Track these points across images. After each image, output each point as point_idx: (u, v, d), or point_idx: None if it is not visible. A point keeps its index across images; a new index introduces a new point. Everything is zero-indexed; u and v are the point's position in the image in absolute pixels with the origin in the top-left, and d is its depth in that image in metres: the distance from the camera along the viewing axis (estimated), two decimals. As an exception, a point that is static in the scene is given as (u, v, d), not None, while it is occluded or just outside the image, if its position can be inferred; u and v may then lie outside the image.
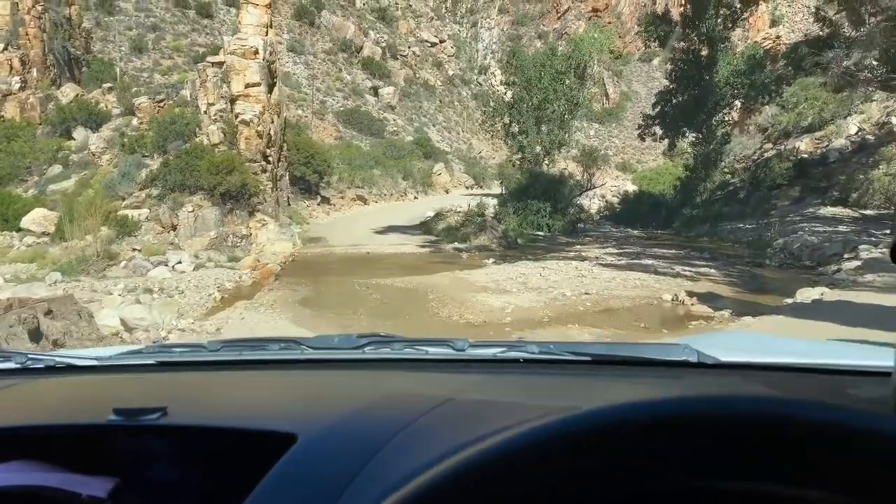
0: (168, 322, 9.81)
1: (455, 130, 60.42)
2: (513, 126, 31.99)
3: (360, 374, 1.50)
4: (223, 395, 1.41)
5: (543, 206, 27.62)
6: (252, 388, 1.46)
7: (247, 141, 22.93)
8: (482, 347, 1.53)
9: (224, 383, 1.51)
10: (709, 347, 1.35)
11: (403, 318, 10.19)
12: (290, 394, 1.40)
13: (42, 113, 31.29)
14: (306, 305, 11.10)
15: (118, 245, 20.49)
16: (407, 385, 1.34)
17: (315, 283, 13.51)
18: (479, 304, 11.10)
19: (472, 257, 19.10)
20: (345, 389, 1.37)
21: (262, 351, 1.68)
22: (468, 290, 12.53)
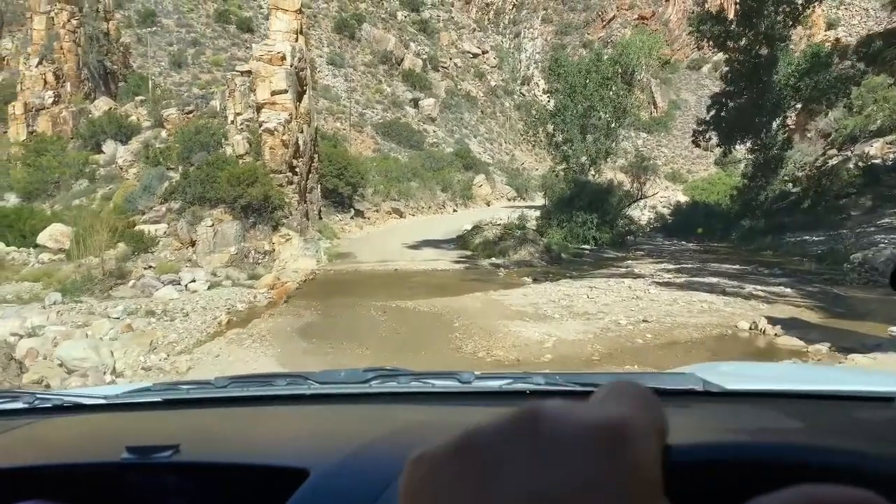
0: (132, 359, 8.05)
1: (497, 141, 58.50)
2: (556, 135, 30.45)
3: (366, 408, 1.50)
4: (233, 431, 1.39)
5: (590, 218, 25.44)
6: (261, 423, 1.44)
7: (271, 151, 21.36)
8: (488, 379, 1.50)
9: (233, 419, 1.48)
10: (715, 375, 1.34)
11: (418, 353, 8.23)
12: (300, 429, 1.38)
13: (74, 127, 30.44)
14: (305, 336, 9.23)
15: (133, 262, 19.10)
16: (414, 418, 1.31)
17: (326, 307, 11.65)
18: (513, 335, 9.06)
19: (510, 274, 17.05)
20: (353, 423, 1.36)
21: (269, 387, 1.64)
22: (501, 315, 10.50)
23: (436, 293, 12.91)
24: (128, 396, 1.66)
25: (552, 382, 1.43)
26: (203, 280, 17.28)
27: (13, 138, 29.71)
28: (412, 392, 1.53)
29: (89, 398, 1.65)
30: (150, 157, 24.04)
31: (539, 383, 1.43)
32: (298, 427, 1.40)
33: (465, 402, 1.46)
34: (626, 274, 16.49)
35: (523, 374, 1.54)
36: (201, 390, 1.67)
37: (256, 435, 1.34)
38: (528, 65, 70.92)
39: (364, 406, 1.51)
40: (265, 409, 1.55)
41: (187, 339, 11.06)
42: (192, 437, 1.28)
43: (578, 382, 1.41)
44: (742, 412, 1.21)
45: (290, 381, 1.66)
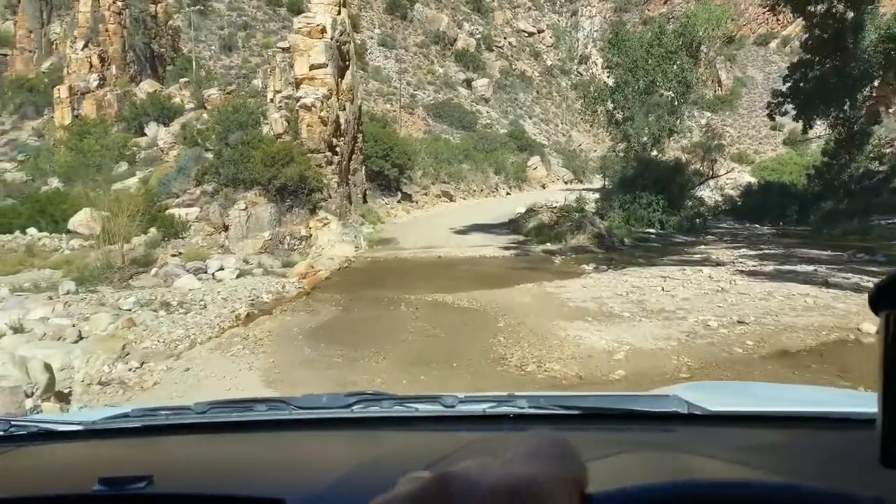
0: (95, 368, 6.39)
1: (553, 122, 55.90)
2: (616, 113, 28.20)
3: (348, 434, 1.48)
4: (210, 459, 1.38)
5: (655, 199, 22.99)
6: (238, 451, 1.42)
7: (309, 128, 19.70)
8: (472, 403, 1.47)
9: (210, 447, 1.47)
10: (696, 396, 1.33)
11: (447, 366, 6.32)
12: (278, 457, 1.33)
13: (118, 110, 29.50)
14: (313, 340, 7.44)
15: (163, 249, 17.76)
16: (395, 445, 1.31)
17: (351, 301, 9.87)
18: (572, 341, 7.05)
19: (566, 262, 14.97)
20: (332, 451, 1.36)
21: (249, 412, 1.59)
22: (557, 314, 8.50)
23: (480, 284, 10.97)
24: (105, 423, 1.61)
25: (536, 405, 1.39)
26: (232, 268, 15.77)
27: (58, 122, 28.97)
28: (395, 417, 1.49)
29: (66, 425, 1.60)
30: (187, 137, 22.69)
31: (523, 406, 1.39)
32: (276, 455, 1.34)
33: (449, 426, 1.42)
34: (703, 261, 14.21)
35: (507, 396, 1.48)
36: (179, 416, 1.59)
37: (233, 464, 1.31)
38: (585, 43, 67.76)
39: (345, 432, 1.48)
40: (244, 436, 1.51)
41: (196, 334, 9.45)
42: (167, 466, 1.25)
43: (563, 406, 1.38)
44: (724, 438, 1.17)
45: (270, 406, 1.60)
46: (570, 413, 1.36)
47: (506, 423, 1.38)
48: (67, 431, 1.58)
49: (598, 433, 1.27)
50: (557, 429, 1.20)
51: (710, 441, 1.16)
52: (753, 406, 1.40)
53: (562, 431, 1.19)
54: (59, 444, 1.53)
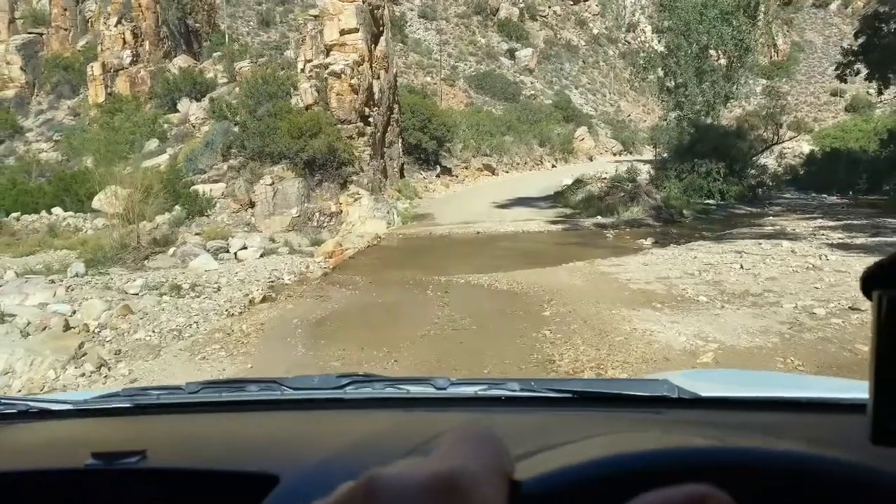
0: (39, 374, 5.08)
1: (600, 92, 53.35)
2: (668, 80, 26.23)
3: (340, 413, 1.44)
4: (203, 437, 1.35)
5: (715, 167, 20.95)
6: (232, 429, 1.39)
7: (338, 97, 18.26)
8: (464, 385, 1.45)
9: (203, 425, 1.44)
10: (689, 382, 1.31)
11: (478, 372, 4.74)
12: (271, 435, 1.31)
13: (152, 87, 28.54)
14: (313, 335, 6.02)
15: (187, 227, 16.64)
16: (388, 425, 1.27)
17: (372, 284, 8.43)
18: (640, 337, 5.45)
19: (620, 236, 13.28)
20: (326, 430, 1.32)
21: (241, 392, 1.56)
22: (616, 298, 6.88)
23: (523, 263, 9.41)
24: (96, 402, 1.57)
25: (527, 388, 1.37)
26: (256, 247, 14.52)
27: (92, 100, 28.16)
28: (387, 398, 1.47)
29: (57, 403, 1.58)
30: (215, 111, 21.50)
31: (514, 389, 1.38)
32: (269, 433, 1.32)
33: (440, 408, 1.40)
34: (778, 234, 12.35)
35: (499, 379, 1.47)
36: (171, 395, 1.57)
37: (226, 441, 1.29)
38: (633, 10, 64.59)
39: (337, 412, 1.44)
40: (236, 415, 1.47)
41: (200, 322, 8.17)
42: (159, 442, 1.22)
43: (554, 389, 1.36)
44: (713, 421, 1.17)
45: (262, 386, 1.57)
46: (562, 396, 1.33)
47: (497, 406, 1.36)
48: (58, 410, 1.53)
49: (588, 416, 1.24)
50: (548, 411, 1.30)
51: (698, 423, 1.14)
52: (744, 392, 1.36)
53: (552, 415, 1.25)
54: (51, 422, 1.49)
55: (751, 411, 1.22)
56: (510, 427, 1.15)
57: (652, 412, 1.22)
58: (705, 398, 1.26)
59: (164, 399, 1.54)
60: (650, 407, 1.25)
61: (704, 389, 1.29)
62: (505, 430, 1.06)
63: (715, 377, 2.02)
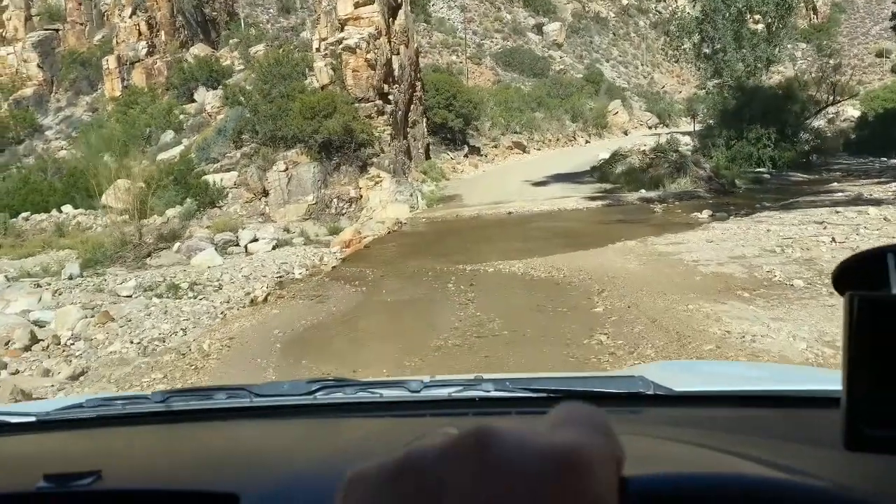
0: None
1: (632, 65, 51.03)
2: (705, 46, 24.36)
3: (310, 421, 1.40)
4: (163, 452, 1.31)
5: (766, 133, 19.05)
6: (195, 442, 1.35)
7: (354, 73, 16.84)
8: (437, 387, 1.39)
9: (166, 438, 1.40)
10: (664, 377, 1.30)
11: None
12: (235, 448, 1.28)
13: (168, 78, 27.49)
14: (291, 353, 4.67)
15: (198, 220, 15.47)
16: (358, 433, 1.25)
17: (382, 280, 7.07)
18: (737, 344, 3.97)
19: (670, 210, 11.67)
20: (293, 440, 1.29)
21: (208, 401, 1.49)
22: (686, 286, 5.38)
23: (562, 245, 7.91)
24: (58, 414, 1.50)
25: (502, 388, 1.34)
26: (268, 238, 13.26)
27: (108, 94, 27.29)
28: (359, 402, 1.41)
29: (17, 416, 1.51)
30: (228, 97, 20.28)
31: (488, 390, 1.34)
32: (233, 446, 1.29)
33: (414, 411, 1.35)
34: (855, 200, 10.60)
35: (474, 379, 1.42)
36: (136, 405, 1.51)
37: (187, 456, 1.25)
38: (663, -22, 61.84)
39: (308, 420, 1.40)
40: (201, 425, 1.43)
41: (189, 329, 6.91)
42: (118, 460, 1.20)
43: (530, 388, 1.33)
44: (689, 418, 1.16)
45: (230, 394, 1.50)
46: (537, 396, 1.30)
47: (472, 407, 1.33)
48: (18, 423, 1.48)
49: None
50: (523, 412, 1.26)
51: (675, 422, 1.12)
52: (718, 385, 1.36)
53: (526, 416, 1.20)
54: (8, 437, 1.44)
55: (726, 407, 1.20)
56: None
57: (628, 411, 1.20)
58: (681, 395, 1.24)
59: (128, 409, 1.48)
60: (626, 405, 1.23)
61: (679, 384, 1.27)
62: None
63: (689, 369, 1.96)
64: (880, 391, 0.48)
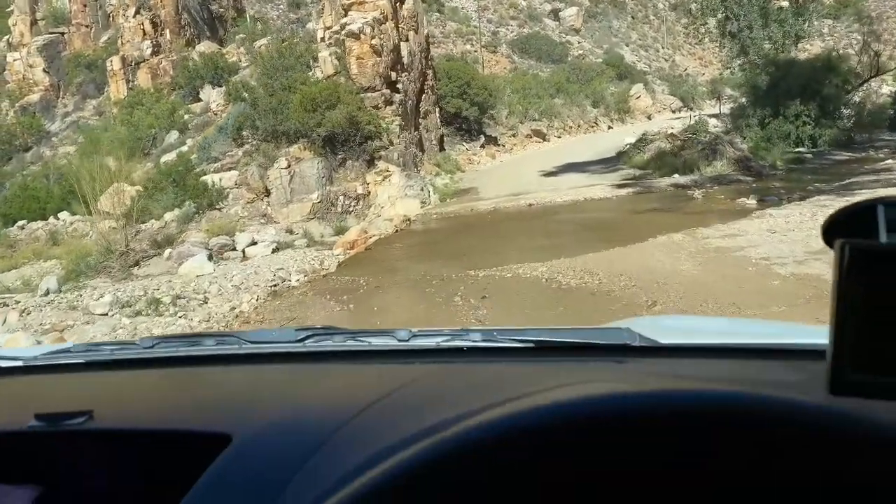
0: None
1: (653, 48, 49.22)
2: (730, 23, 22.81)
3: (299, 367, 1.37)
4: (154, 394, 1.29)
5: (806, 110, 17.50)
6: (185, 386, 1.33)
7: (359, 61, 15.60)
8: (425, 337, 1.38)
9: (156, 382, 1.36)
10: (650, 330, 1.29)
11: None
12: (226, 391, 1.26)
13: (174, 77, 26.47)
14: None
15: (197, 223, 14.37)
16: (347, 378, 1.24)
17: (377, 291, 5.88)
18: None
19: (711, 196, 10.31)
20: (283, 385, 1.26)
21: (197, 347, 1.47)
22: (766, 294, 4.12)
23: (593, 241, 6.63)
24: (46, 358, 1.47)
25: (489, 338, 1.32)
26: (268, 241, 12.10)
27: (114, 96, 26.32)
28: (347, 351, 1.39)
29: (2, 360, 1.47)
30: (231, 93, 19.17)
31: (476, 339, 1.32)
32: (224, 389, 1.27)
33: (402, 359, 1.33)
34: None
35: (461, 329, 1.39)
36: (124, 351, 1.48)
37: (178, 398, 1.24)
38: (681, -42, 59.79)
39: (296, 366, 1.37)
40: (191, 370, 1.39)
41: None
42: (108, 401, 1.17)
43: (517, 339, 1.31)
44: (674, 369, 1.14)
45: (219, 340, 1.49)
46: (524, 346, 1.28)
47: (459, 356, 1.31)
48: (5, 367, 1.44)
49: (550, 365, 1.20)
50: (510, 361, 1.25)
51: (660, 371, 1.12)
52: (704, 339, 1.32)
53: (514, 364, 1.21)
54: None
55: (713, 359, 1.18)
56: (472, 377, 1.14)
57: (613, 361, 1.19)
58: (667, 346, 1.22)
59: (116, 355, 1.45)
60: (612, 355, 1.22)
61: (666, 337, 1.26)
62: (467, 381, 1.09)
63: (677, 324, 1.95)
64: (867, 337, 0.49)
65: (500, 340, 1.31)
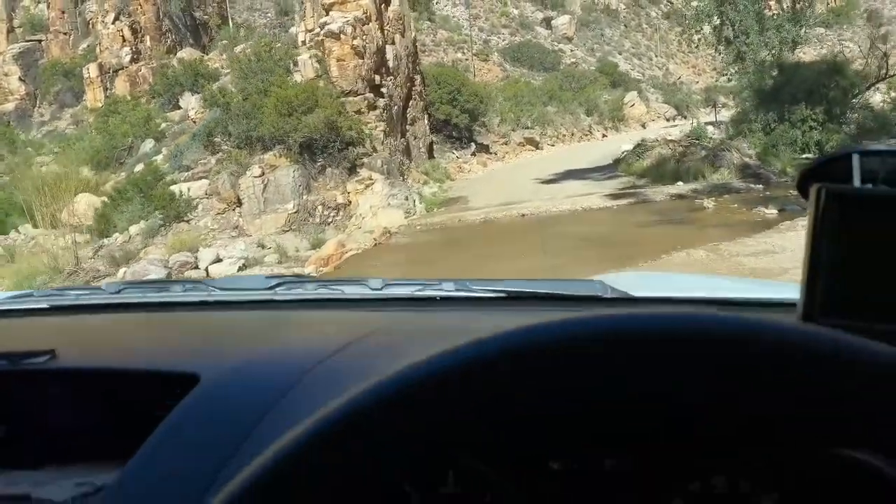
0: None
1: (646, 56, 48.44)
2: (726, 29, 21.90)
3: (269, 314, 1.34)
4: (120, 337, 1.25)
5: (813, 114, 16.49)
6: (152, 329, 1.30)
7: (339, 63, 14.53)
8: (399, 286, 1.37)
9: (121, 326, 1.33)
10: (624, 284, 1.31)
11: None
12: (194, 335, 1.24)
13: (153, 84, 25.38)
14: None
15: (163, 236, 13.23)
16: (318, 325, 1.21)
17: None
18: None
19: (723, 206, 9.16)
20: (253, 330, 1.24)
21: (165, 293, 1.46)
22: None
23: (598, 259, 5.57)
24: (8, 302, 1.44)
25: (462, 288, 1.31)
26: (235, 257, 10.97)
27: (91, 105, 25.22)
28: (320, 299, 1.36)
29: None
30: (206, 99, 18.06)
31: (450, 289, 1.31)
32: (193, 333, 1.24)
33: (375, 307, 1.31)
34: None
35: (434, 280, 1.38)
36: (90, 296, 1.46)
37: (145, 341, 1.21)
38: (673, -32, 59.20)
39: (267, 313, 1.33)
40: (158, 315, 1.35)
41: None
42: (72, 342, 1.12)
43: (490, 289, 1.30)
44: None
45: (188, 287, 1.46)
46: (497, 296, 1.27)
47: (432, 305, 1.30)
48: None
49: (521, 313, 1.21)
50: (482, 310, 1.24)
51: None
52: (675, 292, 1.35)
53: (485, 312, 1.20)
54: None
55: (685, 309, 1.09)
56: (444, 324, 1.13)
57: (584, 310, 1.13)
58: (638, 297, 1.24)
59: (82, 299, 1.43)
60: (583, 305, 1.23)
61: (638, 290, 1.27)
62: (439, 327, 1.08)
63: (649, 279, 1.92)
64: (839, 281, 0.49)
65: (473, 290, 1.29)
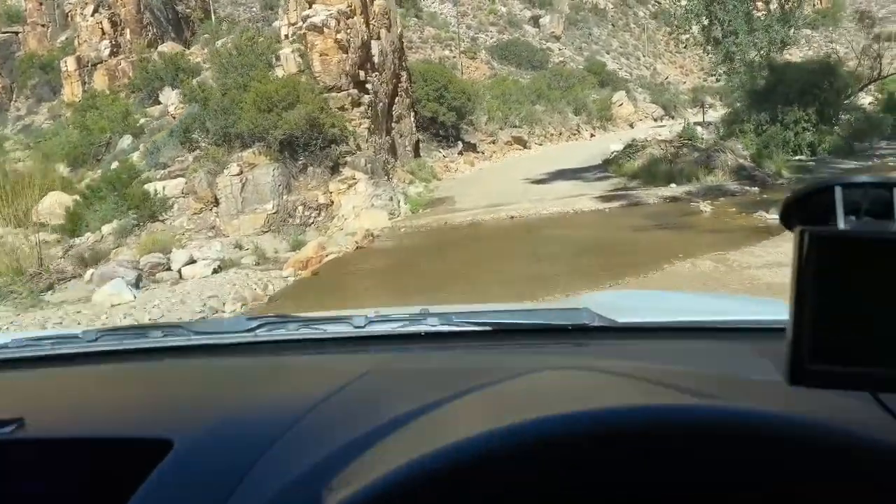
0: None
1: (634, 56, 48.13)
2: (714, 29, 21.63)
3: (251, 360, 1.31)
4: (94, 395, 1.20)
5: (806, 115, 16.17)
6: (127, 384, 1.25)
7: (322, 58, 13.96)
8: (382, 322, 1.32)
9: (96, 380, 1.28)
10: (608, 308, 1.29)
11: None
12: (170, 389, 1.19)
13: (133, 79, 24.62)
14: None
15: (137, 236, 12.62)
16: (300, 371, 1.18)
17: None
18: None
19: (721, 209, 8.73)
20: (231, 380, 1.20)
21: (143, 339, 1.41)
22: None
23: (594, 268, 5.12)
24: None
25: (448, 323, 1.28)
26: (210, 259, 10.36)
27: (68, 99, 24.41)
28: (301, 339, 1.33)
29: None
30: (186, 94, 17.43)
31: (434, 325, 1.28)
32: (169, 387, 1.20)
33: (358, 347, 1.29)
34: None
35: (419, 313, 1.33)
36: (66, 345, 1.39)
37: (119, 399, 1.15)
38: (661, -32, 58.95)
39: (247, 358, 1.31)
40: (134, 365, 1.33)
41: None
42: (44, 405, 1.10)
43: (475, 322, 1.27)
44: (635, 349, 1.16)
45: (166, 332, 1.41)
46: (482, 329, 1.25)
47: (417, 342, 1.28)
48: None
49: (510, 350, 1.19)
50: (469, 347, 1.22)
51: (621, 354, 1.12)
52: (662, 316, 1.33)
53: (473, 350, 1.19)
54: None
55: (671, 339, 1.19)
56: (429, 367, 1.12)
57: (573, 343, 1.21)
58: (625, 326, 1.23)
59: (58, 350, 1.36)
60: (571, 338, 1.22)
61: (623, 314, 1.26)
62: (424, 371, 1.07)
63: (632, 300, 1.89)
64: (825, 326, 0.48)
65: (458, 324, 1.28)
